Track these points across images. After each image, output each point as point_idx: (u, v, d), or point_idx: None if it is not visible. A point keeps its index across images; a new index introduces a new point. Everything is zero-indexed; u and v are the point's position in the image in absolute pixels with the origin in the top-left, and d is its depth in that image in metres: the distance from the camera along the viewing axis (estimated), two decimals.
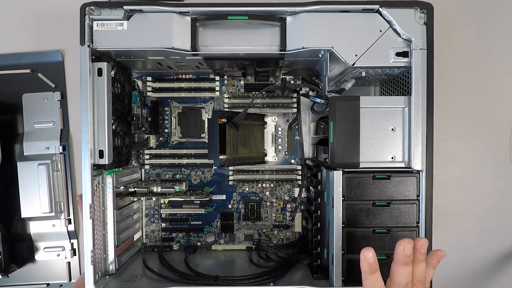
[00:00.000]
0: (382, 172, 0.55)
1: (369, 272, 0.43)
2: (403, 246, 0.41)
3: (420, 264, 0.44)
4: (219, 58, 0.62)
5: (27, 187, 0.73)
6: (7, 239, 0.72)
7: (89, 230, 0.56)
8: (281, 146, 0.77)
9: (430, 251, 0.46)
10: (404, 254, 0.42)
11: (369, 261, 0.42)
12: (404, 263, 0.42)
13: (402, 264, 0.42)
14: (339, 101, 0.56)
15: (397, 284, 0.43)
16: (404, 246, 0.41)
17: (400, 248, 0.42)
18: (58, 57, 0.77)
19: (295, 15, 0.56)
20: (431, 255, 0.46)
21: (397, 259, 0.42)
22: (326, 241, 0.59)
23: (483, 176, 0.79)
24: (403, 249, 0.41)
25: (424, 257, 0.44)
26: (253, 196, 0.77)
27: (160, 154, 0.77)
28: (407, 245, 0.41)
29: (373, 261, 0.42)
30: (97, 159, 0.57)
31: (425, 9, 0.55)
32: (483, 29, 0.77)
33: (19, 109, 0.76)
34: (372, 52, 0.55)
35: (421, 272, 0.44)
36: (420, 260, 0.43)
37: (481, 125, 0.78)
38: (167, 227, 0.77)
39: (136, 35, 0.56)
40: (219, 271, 0.63)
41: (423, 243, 0.43)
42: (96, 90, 0.56)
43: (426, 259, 0.45)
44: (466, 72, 0.78)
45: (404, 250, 0.41)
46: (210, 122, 0.68)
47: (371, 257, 0.42)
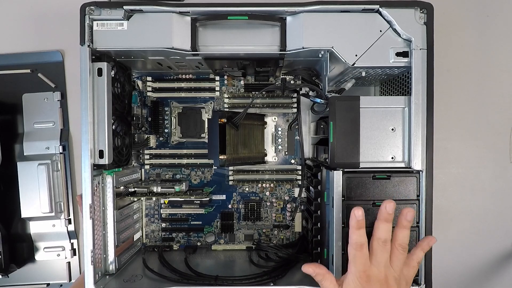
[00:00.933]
0: (382, 172, 0.55)
1: (356, 227, 0.47)
2: (386, 204, 0.47)
3: (404, 230, 0.48)
4: (219, 58, 0.62)
5: (27, 187, 0.73)
6: (7, 239, 0.72)
7: (89, 230, 0.56)
8: (281, 146, 0.77)
9: (423, 237, 0.52)
10: (386, 212, 0.47)
11: (358, 218, 0.47)
12: (385, 219, 0.47)
13: (383, 220, 0.48)
14: (339, 101, 0.56)
15: (377, 239, 0.48)
16: (387, 204, 0.47)
17: (383, 206, 0.47)
18: (58, 57, 0.77)
19: (295, 15, 0.56)
20: (423, 239, 0.51)
21: (380, 216, 0.48)
22: (326, 241, 0.59)
23: (483, 176, 0.79)
24: (386, 206, 0.47)
25: (408, 224, 0.48)
26: (253, 196, 0.77)
27: (160, 154, 0.77)
28: (389, 203, 0.47)
29: (361, 219, 0.47)
30: (97, 159, 0.57)
31: (425, 9, 0.55)
32: (483, 29, 0.77)
33: (19, 109, 0.76)
34: (372, 52, 0.55)
35: (403, 238, 0.48)
36: (404, 226, 0.48)
37: (481, 125, 0.78)
38: (167, 227, 0.77)
39: (136, 35, 0.56)
40: (219, 271, 0.63)
41: (409, 210, 0.48)
42: (96, 90, 0.56)
43: (418, 243, 0.51)
44: (466, 72, 0.78)
45: (386, 208, 0.47)
46: (210, 122, 0.68)
47: (360, 215, 0.47)
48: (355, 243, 0.48)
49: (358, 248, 0.48)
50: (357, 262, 0.47)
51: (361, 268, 0.47)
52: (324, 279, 0.49)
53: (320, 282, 0.50)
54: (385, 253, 0.48)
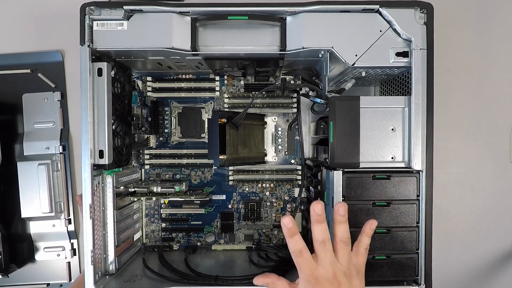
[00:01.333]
0: (382, 172, 0.55)
1: (289, 235, 0.48)
2: (313, 207, 0.47)
3: (340, 225, 0.49)
4: (219, 58, 0.62)
5: (27, 187, 0.73)
6: (7, 239, 0.72)
7: (89, 230, 0.56)
8: (281, 146, 0.77)
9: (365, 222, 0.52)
10: (315, 213, 0.48)
11: (288, 226, 0.48)
12: (316, 221, 0.48)
13: (315, 222, 0.48)
14: (339, 101, 0.56)
15: (316, 241, 0.49)
16: (314, 206, 0.47)
17: (311, 209, 0.48)
18: (58, 57, 0.77)
19: (295, 15, 0.56)
20: (365, 225, 0.51)
21: (312, 219, 0.48)
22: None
23: (483, 176, 0.79)
24: (313, 209, 0.47)
25: (343, 219, 0.49)
26: (253, 196, 0.77)
27: (160, 154, 0.77)
28: (316, 204, 0.47)
29: (291, 226, 0.48)
30: (97, 159, 0.57)
31: (425, 9, 0.55)
32: (483, 29, 0.77)
33: (19, 109, 0.76)
34: (372, 52, 0.55)
35: (342, 232, 0.49)
36: (339, 221, 0.49)
37: (481, 125, 0.78)
38: (167, 227, 0.77)
39: (136, 35, 0.56)
40: (219, 271, 0.63)
41: (340, 205, 0.49)
42: (96, 90, 0.56)
43: (362, 229, 0.51)
44: (466, 72, 0.78)
45: (314, 210, 0.47)
46: (210, 122, 0.68)
47: (289, 222, 0.48)
48: (293, 251, 0.49)
49: (298, 254, 0.49)
50: (302, 268, 0.49)
51: (307, 272, 0.48)
52: (275, 286, 0.51)
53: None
54: (327, 252, 0.48)
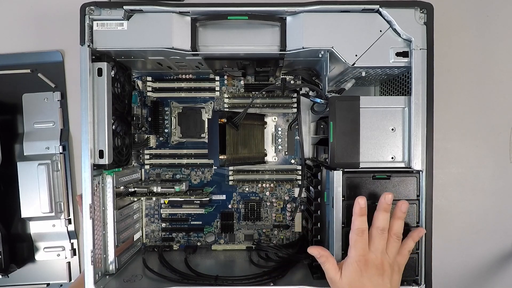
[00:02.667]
0: (382, 172, 0.55)
1: (359, 214, 0.51)
2: (385, 196, 0.51)
3: (398, 220, 0.52)
4: (219, 58, 0.62)
5: (27, 187, 0.73)
6: (7, 239, 0.72)
7: (89, 230, 0.56)
8: (281, 146, 0.77)
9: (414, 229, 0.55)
10: (385, 202, 0.51)
11: (361, 205, 0.51)
12: (384, 209, 0.51)
13: (382, 210, 0.51)
14: (339, 101, 0.56)
15: (376, 227, 0.51)
16: (386, 195, 0.51)
17: (382, 198, 0.51)
18: (58, 57, 0.77)
19: (295, 15, 0.56)
20: (414, 231, 0.54)
21: (379, 206, 0.52)
22: (326, 241, 0.59)
23: (483, 176, 0.79)
24: (385, 197, 0.51)
25: (403, 216, 0.52)
26: (253, 196, 0.77)
27: (160, 154, 0.77)
28: (388, 195, 0.51)
29: (364, 206, 0.51)
30: (97, 159, 0.57)
31: (425, 9, 0.55)
32: (483, 29, 0.77)
33: (19, 109, 0.76)
34: (372, 52, 0.55)
35: (398, 227, 0.52)
36: (399, 216, 0.52)
37: (481, 125, 0.78)
38: (167, 227, 0.77)
39: (136, 35, 0.56)
40: (219, 271, 0.63)
41: (403, 202, 0.52)
42: (96, 90, 0.56)
43: (409, 233, 0.54)
44: (466, 72, 0.78)
45: (385, 199, 0.51)
46: (210, 122, 0.68)
47: (363, 203, 0.51)
48: (357, 229, 0.51)
49: (359, 233, 0.51)
50: (358, 247, 0.51)
51: (360, 252, 0.51)
52: (327, 261, 0.53)
53: (323, 264, 0.54)
54: (382, 240, 0.51)
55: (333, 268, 0.52)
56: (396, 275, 0.52)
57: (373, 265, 0.51)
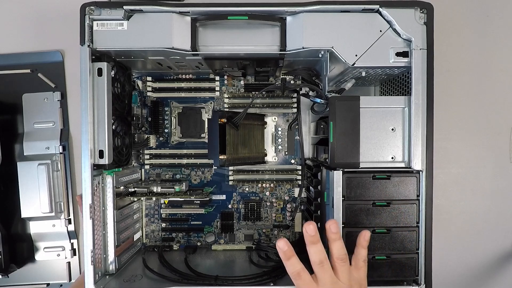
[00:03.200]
0: (382, 172, 0.55)
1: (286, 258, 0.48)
2: (305, 228, 0.47)
3: (335, 242, 0.48)
4: (219, 58, 0.62)
5: (27, 187, 0.73)
6: (7, 239, 0.72)
7: (89, 230, 0.56)
8: (281, 146, 0.77)
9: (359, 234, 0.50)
10: (308, 235, 0.47)
11: (283, 248, 0.47)
12: (311, 242, 0.47)
13: (310, 243, 0.48)
14: (339, 101, 0.56)
15: (313, 263, 0.48)
16: (306, 227, 0.47)
17: (304, 231, 0.47)
18: (58, 57, 0.77)
19: (295, 15, 0.56)
20: (358, 236, 0.50)
21: (306, 241, 0.48)
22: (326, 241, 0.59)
23: (483, 176, 0.79)
24: (306, 230, 0.47)
25: (336, 236, 0.48)
26: (253, 196, 0.77)
27: (160, 154, 0.77)
28: (308, 225, 0.47)
29: (286, 248, 0.47)
30: (97, 159, 0.57)
31: (425, 9, 0.55)
32: (483, 29, 0.77)
33: (19, 109, 0.76)
34: (372, 52, 0.55)
35: (338, 250, 0.48)
36: (333, 239, 0.48)
37: (481, 125, 0.78)
38: (167, 227, 0.77)
39: (136, 35, 0.56)
40: (219, 271, 0.63)
41: (330, 223, 0.48)
42: (96, 90, 0.56)
43: (357, 242, 0.50)
44: (466, 72, 0.78)
45: (307, 232, 0.47)
46: (210, 122, 0.68)
47: (284, 245, 0.47)
48: (292, 274, 0.48)
49: (296, 277, 0.48)
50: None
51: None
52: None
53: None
54: (326, 272, 0.48)
55: None
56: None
57: None
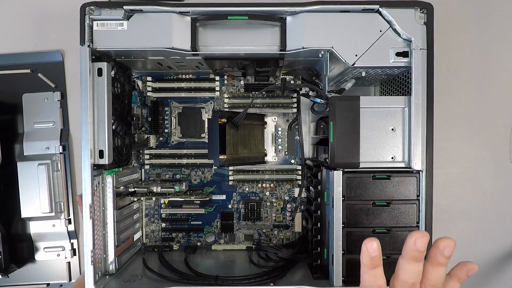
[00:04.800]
0: (382, 172, 0.55)
1: (371, 266, 0.37)
2: (415, 239, 0.35)
3: (439, 268, 0.37)
4: (219, 58, 0.62)
5: (27, 187, 0.73)
6: (7, 239, 0.72)
7: (89, 230, 0.56)
8: (281, 146, 0.77)
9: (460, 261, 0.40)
10: (415, 249, 0.35)
11: (371, 254, 0.36)
12: (413, 258, 0.36)
13: (410, 259, 0.36)
14: (339, 101, 0.56)
15: (402, 283, 0.37)
16: (417, 238, 0.35)
17: (411, 241, 0.35)
18: (58, 57, 0.77)
19: (295, 15, 0.56)
20: (458, 266, 0.39)
21: (406, 253, 0.36)
22: (326, 241, 0.59)
23: (483, 176, 0.79)
24: (415, 242, 0.35)
25: (446, 261, 0.37)
26: (253, 196, 0.77)
27: (160, 154, 0.77)
28: (421, 238, 0.35)
29: (376, 254, 0.36)
30: (97, 159, 0.57)
31: (425, 9, 0.55)
32: (483, 29, 0.77)
33: (19, 109, 0.76)
34: (372, 52, 0.55)
35: (438, 278, 0.37)
36: (440, 263, 0.37)
37: (481, 125, 0.78)
38: (167, 227, 0.77)
39: (136, 35, 0.56)
40: (219, 271, 0.63)
41: (448, 243, 0.35)
42: (96, 90, 0.56)
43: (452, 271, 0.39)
44: (466, 72, 0.78)
45: (415, 244, 0.35)
46: (210, 122, 0.68)
47: (375, 249, 0.36)
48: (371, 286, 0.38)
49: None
50: None
51: None
52: None
53: None
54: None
55: None
56: None
57: None
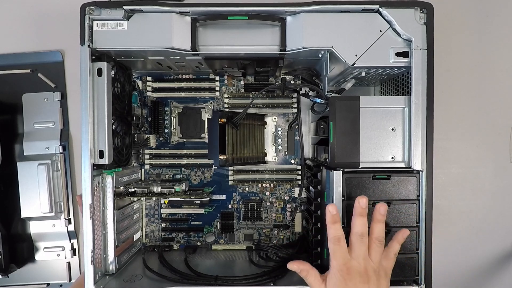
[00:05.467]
0: (382, 172, 0.55)
1: (332, 221, 0.50)
2: (359, 200, 0.50)
3: (378, 223, 0.51)
4: (219, 58, 0.62)
5: (27, 187, 0.73)
6: (7, 239, 0.72)
7: (89, 230, 0.56)
8: (281, 146, 0.77)
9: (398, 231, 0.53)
10: (359, 206, 0.50)
11: (332, 212, 0.50)
12: (359, 214, 0.50)
13: (358, 215, 0.50)
14: (339, 101, 0.56)
15: (355, 233, 0.50)
16: (360, 199, 0.50)
17: (356, 202, 0.50)
18: (58, 57, 0.77)
19: (295, 15, 0.56)
20: (397, 232, 0.53)
21: (355, 211, 0.50)
22: (326, 241, 0.59)
23: (483, 176, 0.79)
24: (359, 202, 0.50)
25: (382, 218, 0.51)
26: (253, 196, 0.77)
27: (160, 154, 0.77)
28: (362, 198, 0.50)
29: (335, 213, 0.50)
30: (97, 159, 0.57)
31: (425, 9, 0.55)
32: (483, 29, 0.77)
33: (19, 109, 0.76)
34: (372, 52, 0.55)
35: (379, 231, 0.51)
36: (378, 220, 0.51)
37: (481, 125, 0.78)
38: (167, 227, 0.77)
39: (136, 35, 0.56)
40: (219, 271, 0.63)
41: (381, 204, 0.51)
42: (96, 90, 0.56)
43: (394, 236, 0.53)
44: (466, 72, 0.78)
45: (359, 203, 0.50)
46: (210, 122, 0.68)
47: (334, 210, 0.50)
48: (333, 237, 0.50)
49: (336, 241, 0.50)
50: (337, 256, 0.50)
51: (341, 261, 0.49)
52: (308, 274, 0.52)
53: (305, 277, 0.53)
54: (363, 246, 0.50)
55: (317, 281, 0.51)
56: (383, 280, 0.50)
57: (356, 273, 0.49)
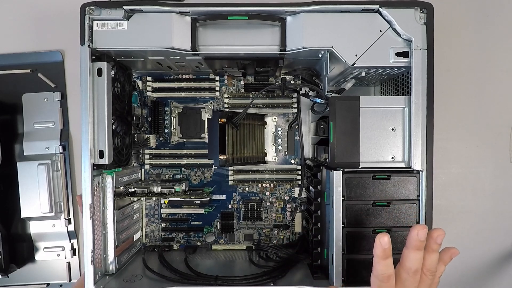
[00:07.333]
0: (382, 172, 0.55)
1: (383, 257, 0.43)
2: (417, 231, 0.42)
3: (433, 254, 0.44)
4: (219, 58, 0.62)
5: (27, 187, 0.73)
6: (7, 239, 0.72)
7: (89, 230, 0.56)
8: (281, 146, 0.77)
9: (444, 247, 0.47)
10: (418, 239, 0.42)
11: (384, 246, 0.42)
12: (416, 247, 0.43)
13: (414, 248, 0.43)
14: (339, 101, 0.56)
15: (407, 269, 0.43)
16: (419, 230, 0.42)
17: (414, 232, 0.42)
18: (58, 57, 0.77)
19: (295, 15, 0.56)
20: (443, 251, 0.46)
21: (410, 243, 0.43)
22: (326, 241, 0.59)
23: (483, 176, 0.79)
24: (417, 233, 0.42)
25: (438, 248, 0.44)
26: (253, 196, 0.77)
27: (160, 154, 0.77)
28: (422, 229, 0.41)
29: (387, 247, 0.42)
30: (97, 159, 0.57)
31: (425, 9, 0.55)
32: (483, 29, 0.77)
33: (19, 109, 0.76)
34: (372, 52, 0.55)
35: (432, 262, 0.44)
36: (434, 249, 0.44)
37: (481, 125, 0.78)
38: (167, 227, 0.77)
39: (136, 35, 0.56)
40: (219, 271, 0.63)
41: (440, 233, 0.43)
42: (96, 90, 0.56)
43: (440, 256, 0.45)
44: (466, 72, 0.78)
45: (418, 235, 0.42)
46: (210, 122, 0.68)
47: (386, 242, 0.42)
48: (382, 275, 0.43)
49: (385, 280, 0.44)
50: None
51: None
52: None
53: None
54: (415, 283, 0.44)
55: None
56: None
57: None
